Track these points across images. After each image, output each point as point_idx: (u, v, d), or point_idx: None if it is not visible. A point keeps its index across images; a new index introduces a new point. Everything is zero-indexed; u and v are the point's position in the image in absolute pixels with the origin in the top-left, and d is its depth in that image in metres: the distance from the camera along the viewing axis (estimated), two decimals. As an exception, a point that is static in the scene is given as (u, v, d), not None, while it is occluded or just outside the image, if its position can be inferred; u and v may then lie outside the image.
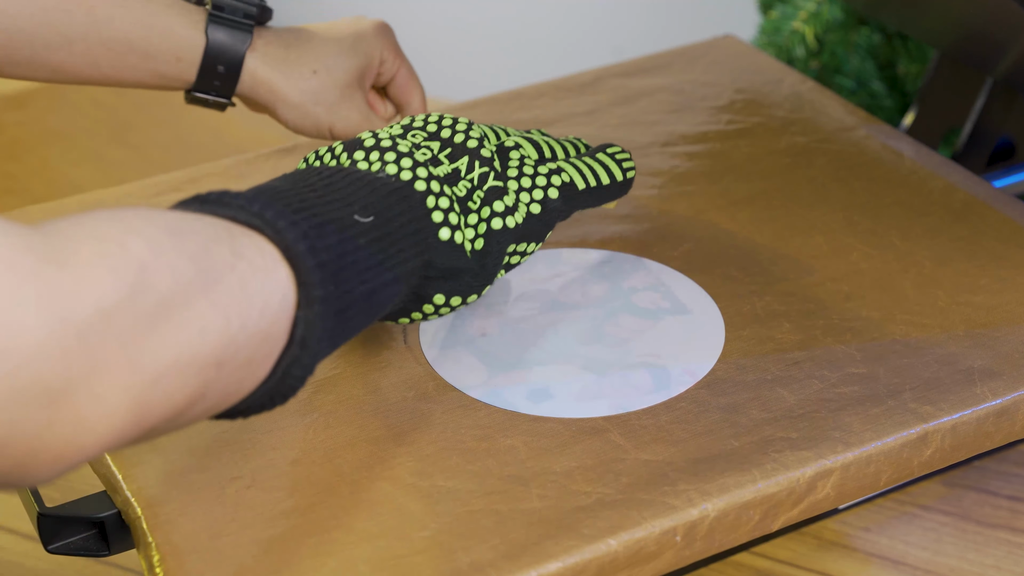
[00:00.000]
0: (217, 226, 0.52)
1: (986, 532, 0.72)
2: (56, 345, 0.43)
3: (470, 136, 0.67)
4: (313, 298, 0.53)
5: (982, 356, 0.67)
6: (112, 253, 0.46)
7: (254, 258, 0.52)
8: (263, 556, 0.57)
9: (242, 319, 0.50)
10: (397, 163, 0.63)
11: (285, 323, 0.52)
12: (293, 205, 0.55)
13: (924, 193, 0.80)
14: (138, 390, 0.46)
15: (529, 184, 0.68)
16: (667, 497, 0.59)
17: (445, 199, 0.63)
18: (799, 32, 1.06)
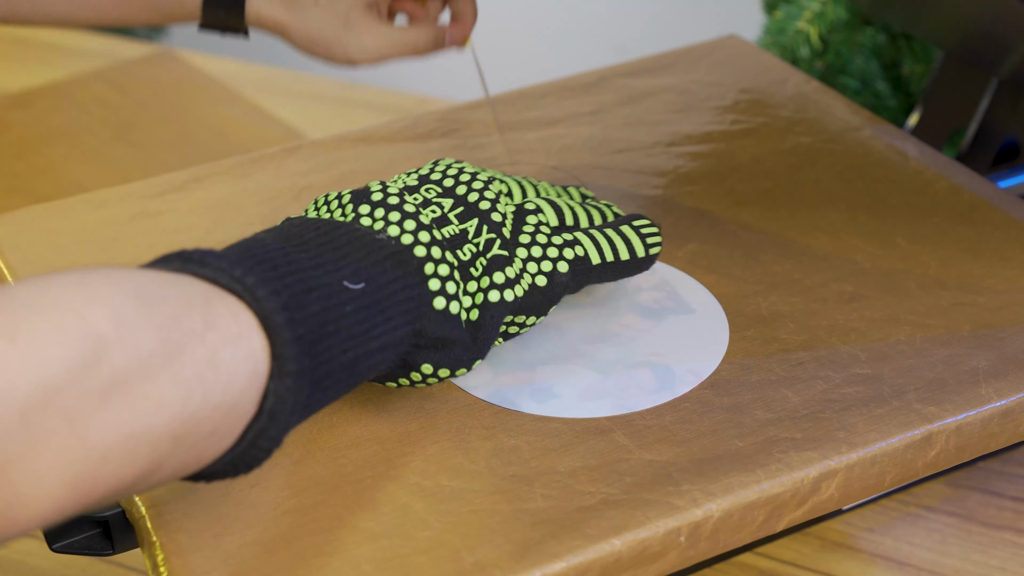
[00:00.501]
0: (193, 290, 0.50)
1: (991, 533, 0.72)
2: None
3: (484, 196, 0.65)
4: (287, 372, 0.51)
5: (987, 357, 0.67)
6: (68, 326, 0.45)
7: (227, 327, 0.50)
8: (267, 555, 0.57)
9: (205, 392, 0.48)
10: (400, 224, 0.61)
11: (255, 394, 0.51)
12: (280, 268, 0.53)
13: (929, 194, 0.80)
14: (81, 466, 0.45)
15: (539, 254, 0.65)
16: (671, 497, 0.59)
17: (445, 266, 0.61)
18: (804, 32, 1.06)
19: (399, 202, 0.62)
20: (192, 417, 0.48)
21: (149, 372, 0.47)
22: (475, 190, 0.65)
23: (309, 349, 0.52)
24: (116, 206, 0.80)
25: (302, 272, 0.54)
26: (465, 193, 0.65)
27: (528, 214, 0.66)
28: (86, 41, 1.34)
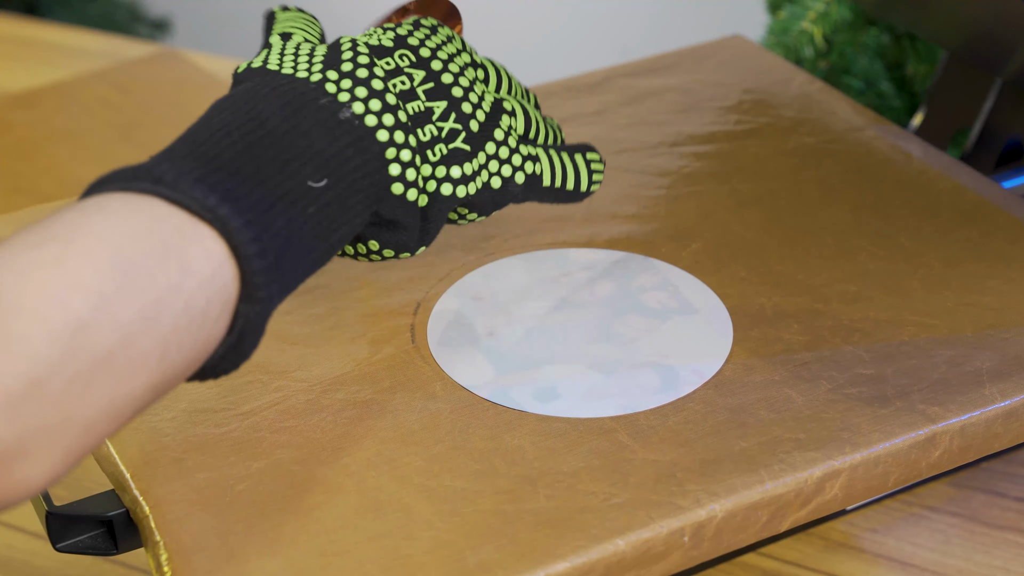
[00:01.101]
0: (166, 231, 0.51)
1: (994, 534, 0.72)
2: None
3: (459, 81, 0.64)
4: (256, 298, 0.53)
5: (991, 357, 0.67)
6: (50, 317, 0.46)
7: (201, 269, 0.51)
8: (270, 555, 0.57)
9: (180, 340, 0.50)
10: (365, 102, 0.60)
11: (226, 319, 0.53)
12: (248, 181, 0.54)
13: (933, 194, 0.80)
14: (70, 441, 0.47)
15: (505, 157, 0.64)
16: (675, 498, 0.59)
17: (407, 151, 0.60)
18: (807, 32, 1.06)
19: (368, 76, 0.61)
20: (170, 365, 0.50)
21: (129, 341, 0.48)
22: (450, 71, 0.64)
23: (276, 270, 0.54)
24: (120, 206, 0.80)
25: (268, 180, 0.55)
26: (440, 70, 0.64)
27: (504, 113, 0.65)
28: (89, 41, 1.34)
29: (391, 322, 0.70)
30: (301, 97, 0.59)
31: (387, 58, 0.63)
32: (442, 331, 0.70)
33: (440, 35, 0.65)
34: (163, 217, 0.51)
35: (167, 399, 0.65)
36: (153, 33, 2.25)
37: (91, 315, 0.47)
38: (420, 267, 0.74)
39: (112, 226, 0.50)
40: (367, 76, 0.61)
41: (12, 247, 0.48)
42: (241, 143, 0.55)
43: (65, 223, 0.49)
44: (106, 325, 0.47)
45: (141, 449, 0.63)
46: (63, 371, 0.46)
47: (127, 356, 0.48)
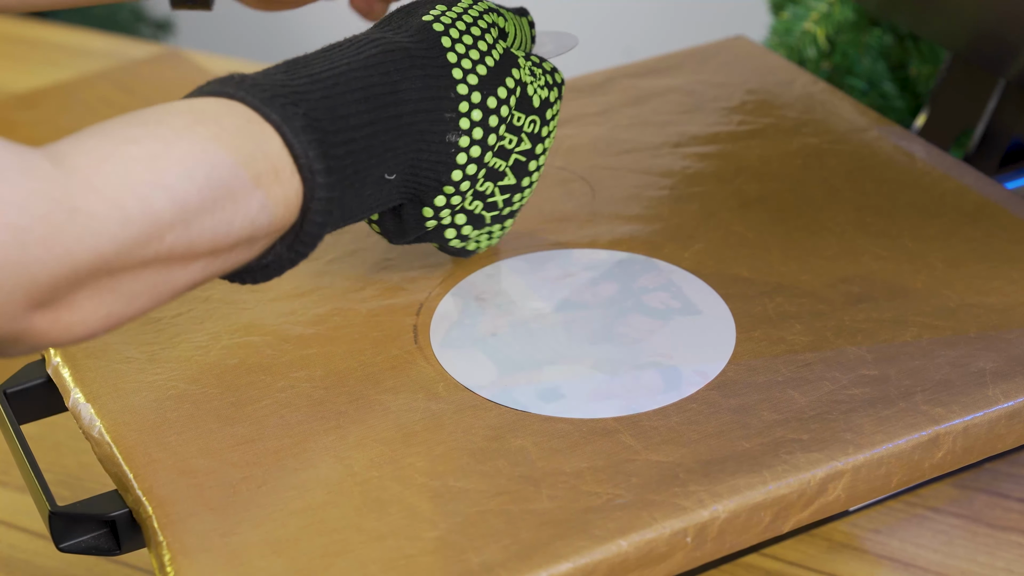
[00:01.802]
0: (265, 167, 0.54)
1: (997, 535, 0.72)
2: (50, 273, 0.48)
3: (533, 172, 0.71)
4: (296, 252, 0.58)
5: (994, 358, 0.67)
6: (129, 207, 0.50)
7: (278, 213, 0.56)
8: (273, 556, 0.57)
9: (234, 259, 0.55)
10: (470, 144, 0.65)
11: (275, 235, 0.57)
12: (352, 156, 0.58)
13: (936, 195, 0.80)
14: (113, 307, 0.52)
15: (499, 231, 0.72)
16: (678, 498, 0.59)
17: (457, 197, 0.66)
18: (810, 33, 1.06)
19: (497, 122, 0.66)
20: (215, 271, 0.55)
21: (193, 248, 0.53)
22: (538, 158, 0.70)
23: (321, 237, 0.59)
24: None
25: (363, 163, 0.59)
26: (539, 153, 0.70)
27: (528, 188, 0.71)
28: (92, 41, 1.34)
29: (394, 323, 0.70)
30: (437, 102, 0.63)
31: (523, 114, 0.67)
32: (445, 332, 0.70)
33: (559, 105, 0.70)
34: (271, 153, 0.55)
35: (169, 400, 0.65)
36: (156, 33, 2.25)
37: (169, 218, 0.51)
38: (423, 268, 0.74)
39: (220, 142, 0.53)
40: (492, 119, 0.65)
41: (109, 134, 0.51)
42: (368, 116, 0.59)
43: (175, 121, 0.53)
44: (179, 231, 0.51)
45: (144, 449, 0.63)
46: (127, 256, 0.50)
47: (186, 258, 0.53)
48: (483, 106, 0.65)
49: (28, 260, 0.47)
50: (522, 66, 0.68)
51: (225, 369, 0.68)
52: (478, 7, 0.67)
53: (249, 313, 0.71)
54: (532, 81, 0.68)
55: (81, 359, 0.68)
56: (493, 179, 0.68)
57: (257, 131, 0.55)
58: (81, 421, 0.65)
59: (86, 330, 0.51)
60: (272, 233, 0.56)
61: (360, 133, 0.59)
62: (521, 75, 0.67)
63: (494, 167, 0.67)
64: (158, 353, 0.69)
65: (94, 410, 0.65)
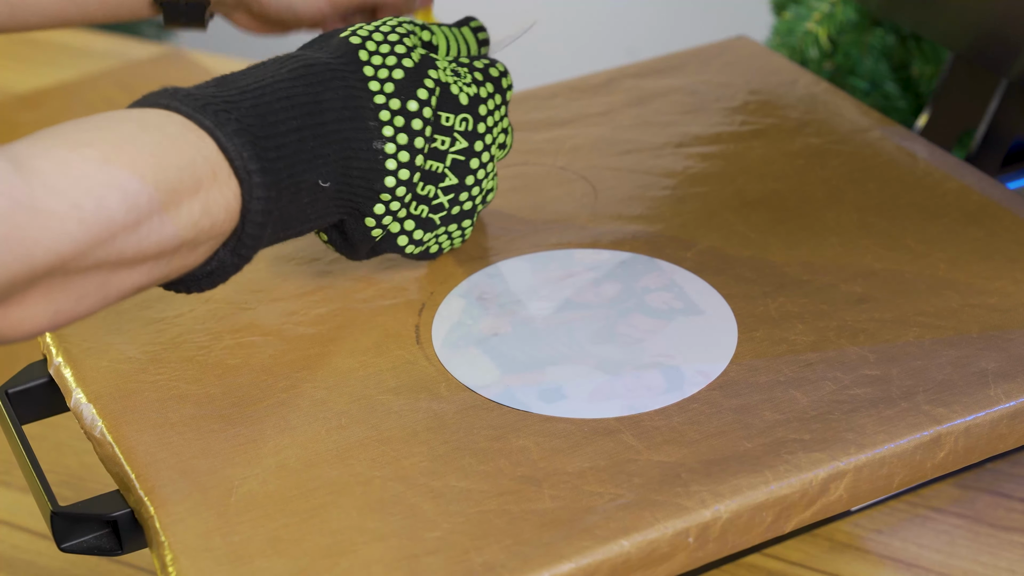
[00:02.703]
0: (205, 171, 0.57)
1: (999, 535, 0.72)
2: (9, 272, 0.49)
3: (477, 173, 0.71)
4: (240, 255, 0.60)
5: (996, 358, 0.67)
6: (87, 207, 0.51)
7: (218, 216, 0.58)
8: (275, 556, 0.57)
9: (180, 262, 0.57)
10: (397, 151, 0.66)
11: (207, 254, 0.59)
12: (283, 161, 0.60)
13: (938, 195, 0.80)
14: (61, 304, 0.53)
15: (458, 235, 0.73)
16: (680, 498, 0.59)
17: (396, 203, 0.67)
18: (813, 33, 1.06)
19: (420, 126, 0.67)
20: (161, 275, 0.57)
21: (144, 249, 0.55)
22: (481, 160, 0.70)
23: (263, 240, 0.61)
24: (125, 206, 0.81)
25: (297, 166, 0.61)
26: (479, 151, 0.70)
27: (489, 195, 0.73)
28: (94, 41, 1.34)
29: (396, 323, 0.70)
30: (359, 111, 0.64)
31: (451, 114, 0.68)
32: (447, 332, 0.70)
33: (501, 98, 0.72)
34: (209, 157, 0.58)
35: (171, 400, 0.65)
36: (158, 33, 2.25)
37: (122, 219, 0.53)
38: (425, 268, 0.75)
39: (164, 148, 0.56)
40: (420, 127, 0.67)
41: (63, 137, 0.53)
42: (295, 123, 0.61)
43: (123, 127, 0.55)
44: (129, 232, 0.53)
45: (146, 450, 0.63)
46: (83, 256, 0.52)
47: (134, 261, 0.55)
48: (403, 111, 0.66)
49: None
50: (441, 67, 0.68)
51: (227, 369, 0.68)
52: (397, 23, 0.69)
53: (251, 313, 0.71)
54: (455, 80, 0.69)
55: (83, 359, 0.68)
56: (432, 181, 0.69)
57: (194, 138, 0.58)
58: (83, 421, 0.65)
59: (33, 327, 0.53)
60: (213, 237, 0.58)
61: (289, 139, 0.61)
62: (440, 75, 0.68)
63: (430, 169, 0.68)
64: (160, 353, 0.69)
65: (96, 410, 0.65)
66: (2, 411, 0.67)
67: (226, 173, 0.58)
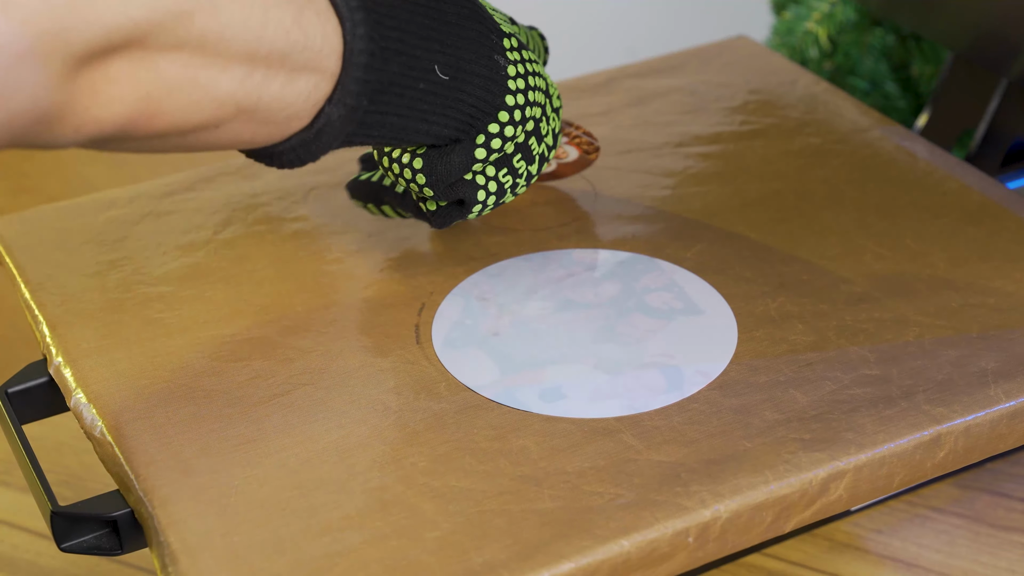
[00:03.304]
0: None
1: (1000, 535, 0.72)
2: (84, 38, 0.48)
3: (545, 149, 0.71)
4: (345, 103, 0.58)
5: (996, 358, 0.67)
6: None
7: (314, 35, 0.56)
8: (275, 556, 0.57)
9: (267, 81, 0.55)
10: (516, 70, 0.66)
11: (310, 108, 0.58)
12: (397, 28, 0.59)
13: (938, 194, 0.80)
14: (150, 87, 0.52)
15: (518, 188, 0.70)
16: (680, 498, 0.59)
17: (511, 127, 0.66)
18: (813, 33, 1.06)
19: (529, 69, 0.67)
20: (252, 95, 0.55)
21: (225, 48, 0.53)
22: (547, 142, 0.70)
23: (371, 93, 0.59)
24: (125, 206, 0.81)
25: (410, 37, 0.60)
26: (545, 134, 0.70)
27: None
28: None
29: (396, 322, 0.71)
30: (483, 18, 0.64)
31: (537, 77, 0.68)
32: (447, 331, 0.70)
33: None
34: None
35: (173, 400, 0.65)
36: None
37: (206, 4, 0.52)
38: (425, 267, 0.75)
39: None
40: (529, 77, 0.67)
41: None
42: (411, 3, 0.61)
43: None
44: (208, 15, 0.52)
45: (146, 450, 0.63)
46: (160, 27, 0.51)
47: (220, 55, 0.53)
48: (520, 47, 0.66)
49: (62, 26, 0.48)
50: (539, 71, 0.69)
51: (227, 369, 0.68)
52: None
53: (251, 313, 0.71)
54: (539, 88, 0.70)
55: (83, 359, 0.68)
56: (520, 150, 0.69)
57: None
58: (83, 421, 0.66)
59: (124, 108, 0.52)
60: (310, 67, 0.57)
61: (401, 8, 0.60)
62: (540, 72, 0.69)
63: (526, 129, 0.68)
64: (160, 353, 0.69)
65: (96, 410, 0.65)
66: (2, 411, 0.67)
67: (324, 4, 0.57)
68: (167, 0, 0.51)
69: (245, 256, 0.76)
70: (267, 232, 0.78)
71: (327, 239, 0.77)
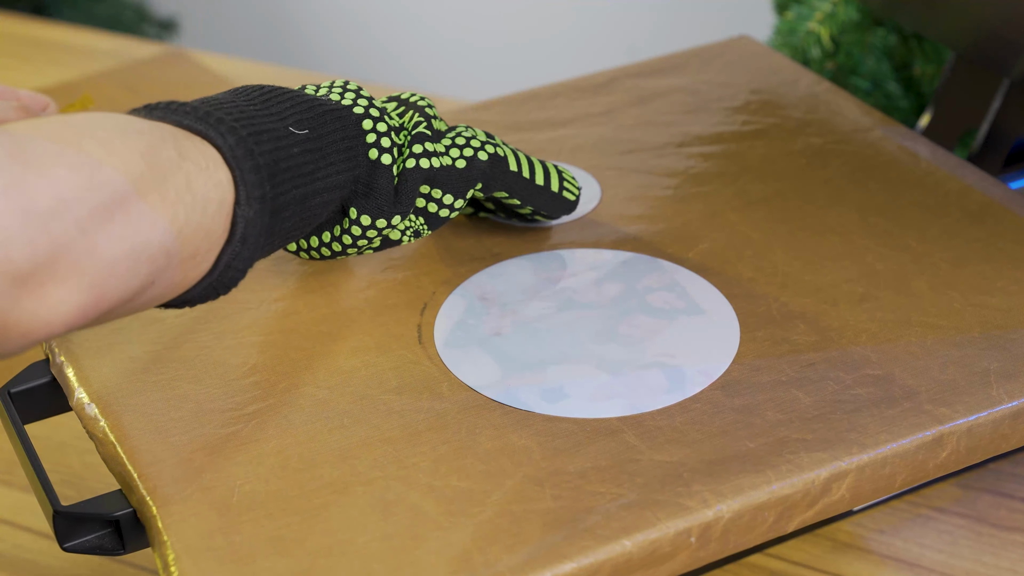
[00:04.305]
0: (164, 130, 0.57)
1: (1002, 535, 0.72)
2: (22, 231, 0.49)
3: (427, 105, 0.72)
4: (252, 197, 0.59)
5: (998, 358, 0.67)
6: (68, 154, 0.52)
7: (198, 159, 0.57)
8: (277, 556, 0.57)
9: (187, 214, 0.56)
10: (342, 94, 0.67)
11: (225, 220, 0.58)
12: (233, 115, 0.60)
13: (940, 194, 0.80)
14: (96, 274, 0.52)
15: (463, 143, 0.71)
16: (681, 498, 0.59)
17: (382, 123, 0.67)
18: (814, 33, 1.06)
19: (343, 86, 0.69)
20: (179, 235, 0.56)
21: (141, 192, 0.54)
22: (420, 99, 0.72)
23: (269, 179, 0.60)
24: (127, 206, 0.81)
25: (254, 118, 0.61)
26: (408, 97, 0.72)
27: (464, 129, 0.72)
28: (97, 41, 1.34)
29: (398, 322, 0.71)
30: (281, 91, 0.65)
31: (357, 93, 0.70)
32: (449, 331, 0.70)
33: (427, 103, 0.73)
34: (160, 124, 0.58)
35: (173, 399, 0.65)
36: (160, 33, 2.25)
37: (104, 156, 0.53)
38: (427, 267, 0.75)
39: (113, 115, 0.57)
40: (342, 85, 0.69)
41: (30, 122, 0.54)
42: (227, 101, 0.62)
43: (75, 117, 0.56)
44: (118, 167, 0.53)
45: (148, 449, 0.63)
46: (85, 199, 0.51)
47: (140, 206, 0.54)
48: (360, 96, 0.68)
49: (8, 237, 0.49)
50: None
51: (228, 369, 0.68)
52: None
53: (253, 313, 0.71)
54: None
55: (85, 359, 0.68)
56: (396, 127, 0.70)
57: (147, 121, 0.58)
58: (85, 421, 0.66)
59: (73, 304, 0.52)
60: (212, 190, 0.57)
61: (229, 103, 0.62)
62: None
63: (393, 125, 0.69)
64: (162, 353, 0.69)
65: (98, 410, 0.65)
66: (4, 411, 0.67)
67: (182, 133, 0.58)
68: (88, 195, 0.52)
69: (247, 256, 0.76)
70: (269, 232, 0.78)
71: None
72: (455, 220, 0.78)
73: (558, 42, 2.10)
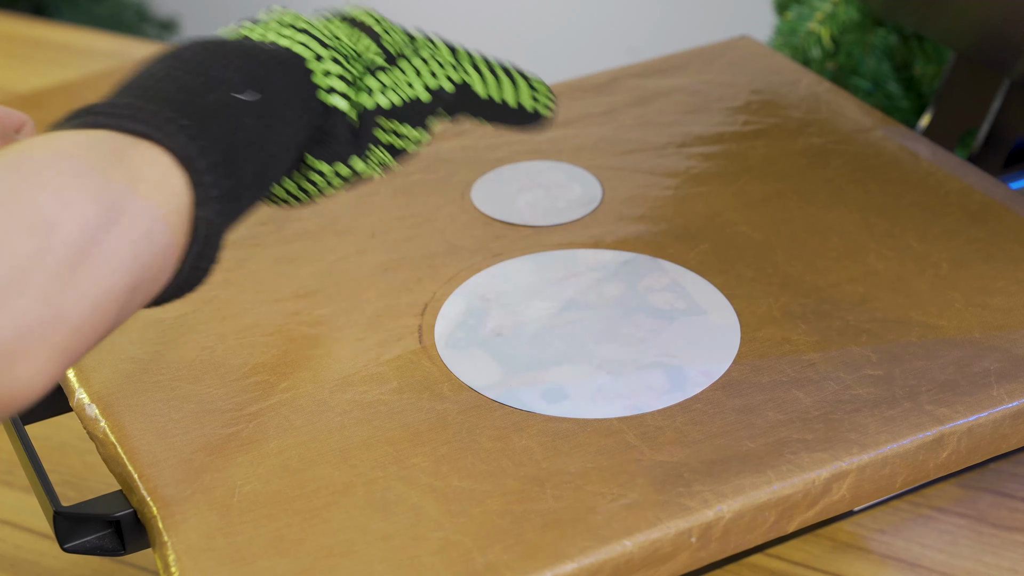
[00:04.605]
0: (112, 144, 0.54)
1: (1002, 535, 0.72)
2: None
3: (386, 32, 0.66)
4: (210, 197, 0.56)
5: (999, 358, 0.67)
6: (24, 215, 0.49)
7: (150, 174, 0.54)
8: (277, 556, 0.57)
9: (149, 239, 0.53)
10: (280, 32, 0.63)
11: (186, 225, 0.55)
12: (175, 103, 0.57)
13: (941, 195, 0.80)
14: (64, 338, 0.50)
15: (426, 70, 0.66)
16: (682, 498, 0.59)
17: (333, 64, 0.63)
18: (815, 33, 1.06)
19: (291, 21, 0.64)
20: (143, 265, 0.53)
21: (99, 240, 0.51)
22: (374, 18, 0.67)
23: (224, 170, 0.57)
24: (128, 206, 0.80)
25: (197, 95, 0.58)
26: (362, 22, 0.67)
27: (424, 47, 0.67)
28: (97, 42, 1.34)
29: (399, 323, 0.71)
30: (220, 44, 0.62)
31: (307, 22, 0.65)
32: (450, 332, 0.70)
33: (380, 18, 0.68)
34: (107, 139, 0.55)
35: (174, 400, 0.65)
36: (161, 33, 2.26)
37: (59, 212, 0.50)
38: (427, 268, 0.75)
39: (67, 143, 0.54)
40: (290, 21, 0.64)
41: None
42: (164, 75, 0.59)
43: (23, 149, 0.53)
44: (75, 222, 0.50)
45: (148, 450, 0.63)
46: (43, 263, 0.49)
47: (100, 255, 0.51)
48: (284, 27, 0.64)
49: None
50: None
51: (229, 369, 0.68)
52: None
53: (253, 314, 0.71)
54: None
55: (86, 359, 0.68)
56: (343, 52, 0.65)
57: (89, 132, 0.55)
58: (86, 421, 0.66)
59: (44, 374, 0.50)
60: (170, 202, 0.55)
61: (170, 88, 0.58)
62: None
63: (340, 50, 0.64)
64: (163, 353, 0.69)
65: (99, 410, 0.65)
66: (5, 411, 0.67)
67: (128, 141, 0.55)
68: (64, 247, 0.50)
69: (247, 257, 0.76)
70: (269, 233, 0.78)
71: (329, 240, 0.77)
72: (456, 220, 0.78)
73: (558, 42, 2.10)
